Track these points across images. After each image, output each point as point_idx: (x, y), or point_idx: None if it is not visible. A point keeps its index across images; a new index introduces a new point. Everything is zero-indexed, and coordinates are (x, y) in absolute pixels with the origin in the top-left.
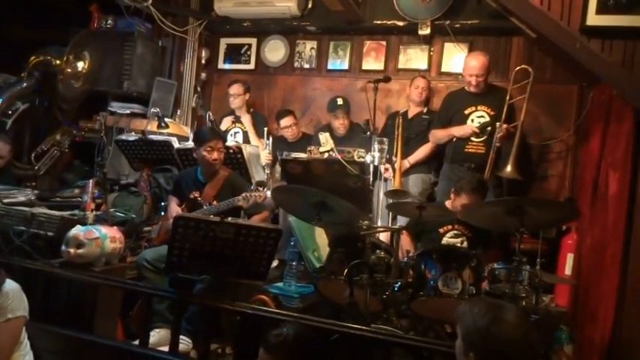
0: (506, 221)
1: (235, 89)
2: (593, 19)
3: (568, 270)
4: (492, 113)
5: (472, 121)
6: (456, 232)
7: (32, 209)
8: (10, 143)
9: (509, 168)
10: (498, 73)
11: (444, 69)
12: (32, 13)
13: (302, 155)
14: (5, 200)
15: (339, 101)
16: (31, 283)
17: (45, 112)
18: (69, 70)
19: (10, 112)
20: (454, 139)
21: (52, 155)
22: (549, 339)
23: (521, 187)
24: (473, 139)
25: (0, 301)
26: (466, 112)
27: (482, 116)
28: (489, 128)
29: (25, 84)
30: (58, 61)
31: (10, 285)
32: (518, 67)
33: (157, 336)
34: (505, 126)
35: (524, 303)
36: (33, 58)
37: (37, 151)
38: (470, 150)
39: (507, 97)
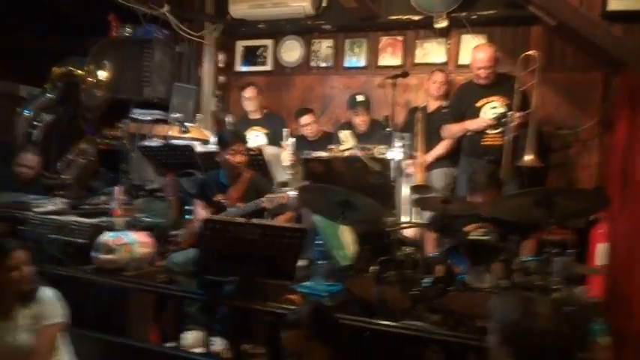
0: (533, 213)
1: (250, 92)
2: (615, 3)
3: (599, 260)
4: (506, 103)
5: (485, 113)
6: (483, 229)
7: (63, 217)
8: (39, 154)
9: (528, 156)
10: (517, 64)
11: (461, 61)
12: (51, 24)
13: (323, 154)
14: (36, 209)
15: (359, 98)
16: (66, 289)
17: (69, 122)
18: (91, 79)
19: (36, 123)
20: (469, 133)
21: (79, 164)
22: (584, 331)
23: (541, 176)
24: (488, 131)
25: (37, 309)
26: (478, 104)
27: (495, 107)
28: (504, 119)
29: (49, 95)
30: (79, 72)
31: (46, 292)
32: (524, 54)
33: (190, 338)
34: (518, 114)
35: (556, 295)
36: (55, 69)
37: (64, 160)
38: (487, 142)
39: (517, 85)
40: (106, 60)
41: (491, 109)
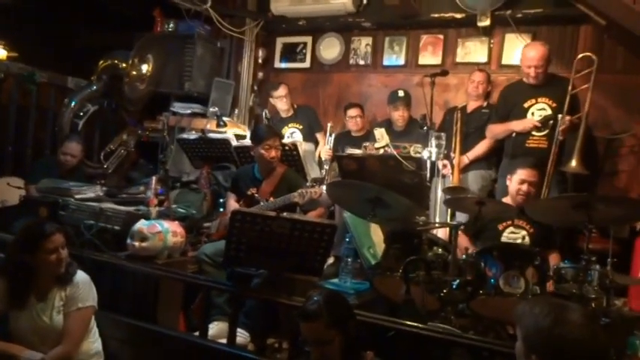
0: (571, 216)
1: (282, 90)
2: None
3: None
4: (554, 105)
5: (532, 114)
6: (515, 228)
7: (101, 204)
8: (82, 143)
9: (574, 162)
10: (564, 65)
11: (504, 61)
12: (100, 20)
13: (357, 151)
14: (77, 196)
15: (400, 93)
16: (100, 274)
17: (112, 114)
18: (134, 72)
19: (81, 114)
20: (514, 134)
21: (120, 155)
22: (622, 344)
23: (587, 183)
24: (534, 133)
25: (71, 291)
26: (525, 105)
27: (543, 109)
28: (552, 121)
29: (94, 87)
30: (124, 65)
31: (81, 276)
32: (580, 55)
33: (216, 328)
34: (568, 118)
35: (593, 305)
36: (101, 62)
37: (106, 150)
38: (531, 145)
39: (570, 87)
40: (150, 54)
41: (538, 110)
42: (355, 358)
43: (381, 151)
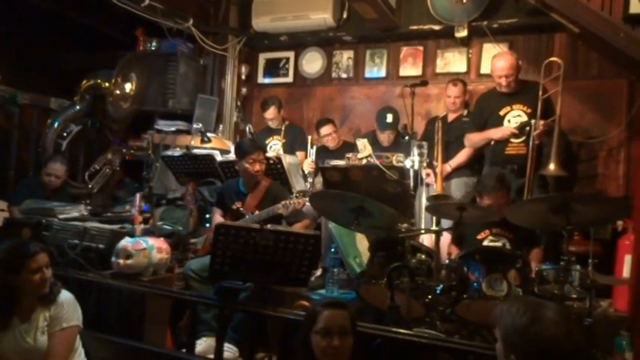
0: (551, 219)
1: (271, 113)
2: (637, 6)
3: (626, 273)
4: (529, 111)
5: (509, 121)
6: (493, 237)
7: (85, 224)
8: (66, 164)
9: (552, 165)
10: (540, 72)
11: (483, 71)
12: (82, 40)
13: (340, 162)
14: (61, 216)
15: (389, 118)
16: (85, 293)
17: (97, 133)
18: (117, 91)
19: (65, 134)
20: (492, 142)
21: (104, 174)
22: (608, 344)
23: (568, 186)
24: (512, 140)
25: (56, 311)
26: (501, 113)
27: (518, 115)
28: (528, 127)
29: (77, 107)
30: (107, 84)
31: (65, 295)
32: (547, 61)
33: (204, 344)
34: (542, 122)
35: (575, 305)
36: (84, 82)
37: (91, 170)
38: (510, 152)
39: (540, 92)
40: (133, 73)
41: (514, 117)
42: None
43: (364, 161)
